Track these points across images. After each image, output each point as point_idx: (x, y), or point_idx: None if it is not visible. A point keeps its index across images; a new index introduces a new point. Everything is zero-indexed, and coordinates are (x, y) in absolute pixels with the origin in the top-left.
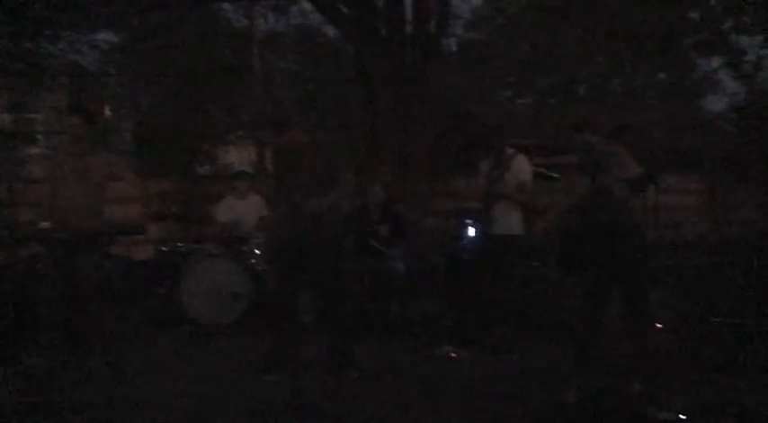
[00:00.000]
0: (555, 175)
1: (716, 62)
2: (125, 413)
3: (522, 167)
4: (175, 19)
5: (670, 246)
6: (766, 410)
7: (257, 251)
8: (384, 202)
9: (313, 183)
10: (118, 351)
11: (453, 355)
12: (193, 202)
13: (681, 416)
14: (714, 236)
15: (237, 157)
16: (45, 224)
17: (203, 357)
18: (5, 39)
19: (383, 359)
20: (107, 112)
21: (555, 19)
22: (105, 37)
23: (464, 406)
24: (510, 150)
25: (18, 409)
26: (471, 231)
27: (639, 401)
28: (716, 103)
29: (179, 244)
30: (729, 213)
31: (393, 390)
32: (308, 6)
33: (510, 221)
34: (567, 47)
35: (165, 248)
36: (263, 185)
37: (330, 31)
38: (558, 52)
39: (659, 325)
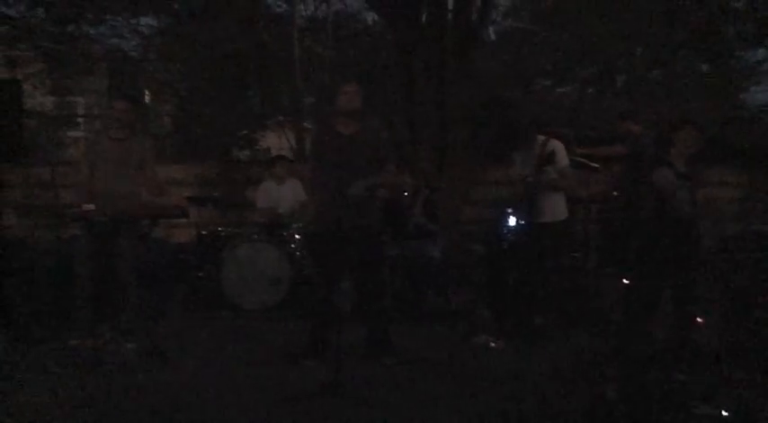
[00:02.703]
0: (595, 166)
1: (760, 54)
2: (165, 397)
3: (559, 153)
4: (216, 4)
5: (712, 239)
6: None
7: (297, 236)
8: (420, 189)
9: (357, 169)
10: (158, 334)
11: (492, 344)
12: (233, 187)
13: (723, 411)
14: (755, 230)
15: (276, 141)
16: (89, 206)
17: (243, 342)
18: (48, 23)
19: (422, 347)
20: (147, 96)
21: (595, 7)
22: (146, 21)
23: (501, 396)
24: (542, 138)
25: (57, 387)
26: (512, 220)
27: (681, 395)
28: (760, 96)
29: (219, 228)
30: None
31: (430, 377)
32: None
33: (554, 208)
34: (608, 36)
35: (205, 232)
36: (301, 170)
37: (370, 17)
38: (598, 41)
39: (700, 319)
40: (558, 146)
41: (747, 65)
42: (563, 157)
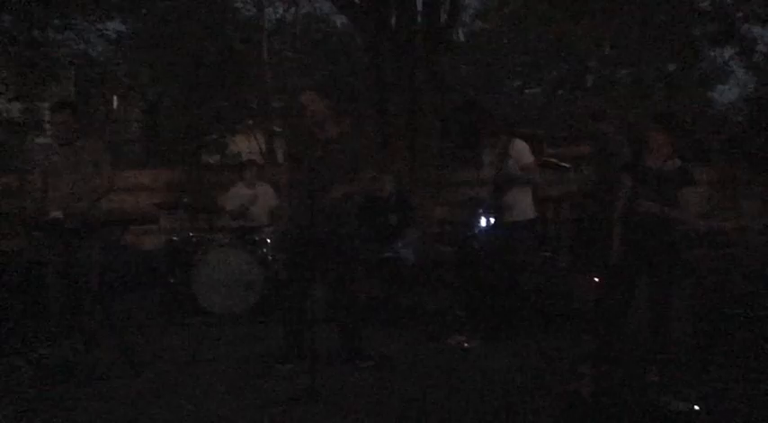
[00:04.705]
0: (566, 165)
1: (727, 53)
2: (137, 405)
3: (522, 151)
4: (184, 8)
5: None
6: None
7: (269, 240)
8: (395, 191)
9: (331, 173)
10: (129, 341)
11: (466, 344)
12: (203, 192)
13: (695, 407)
14: (727, 227)
15: (247, 145)
16: (56, 214)
17: (216, 348)
18: (13, 27)
19: (395, 349)
20: (115, 101)
21: (564, 9)
22: (113, 26)
23: (476, 396)
24: (505, 138)
25: (27, 399)
26: (482, 220)
27: (655, 392)
28: (726, 94)
29: (190, 234)
30: (741, 204)
31: (405, 380)
32: None
33: (521, 206)
34: (576, 37)
35: (175, 238)
36: (271, 174)
37: (339, 20)
38: (566, 42)
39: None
40: (521, 145)
41: (714, 64)
42: (527, 156)
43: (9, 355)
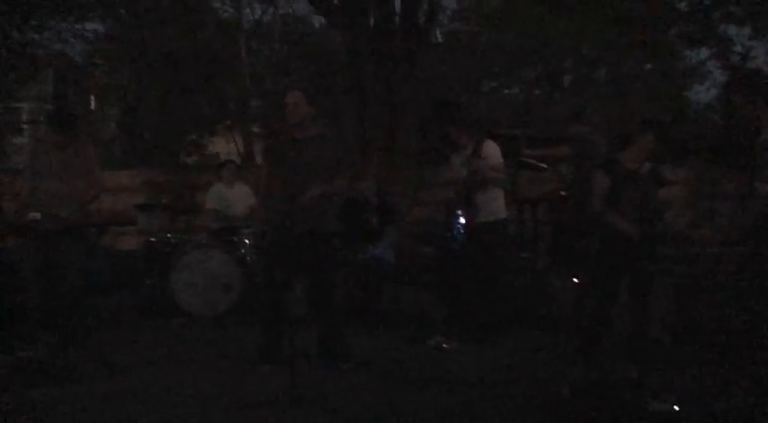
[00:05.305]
0: (543, 166)
1: (703, 53)
2: (115, 407)
3: (492, 152)
4: (162, 8)
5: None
6: (760, 403)
7: (247, 241)
8: (374, 192)
9: (310, 174)
10: (107, 343)
11: (445, 346)
12: (181, 192)
13: (674, 407)
14: (703, 227)
15: (224, 146)
16: (34, 215)
17: (194, 349)
18: None
19: (374, 350)
20: (92, 102)
21: (541, 9)
22: (92, 26)
23: (455, 397)
24: (478, 138)
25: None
26: (458, 220)
27: (634, 392)
28: (703, 94)
29: (168, 235)
30: (717, 204)
31: (384, 380)
32: None
33: (492, 207)
34: (554, 37)
35: (154, 239)
36: (250, 175)
37: (318, 21)
38: (544, 42)
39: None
40: (491, 145)
41: (690, 65)
42: (496, 157)
43: None
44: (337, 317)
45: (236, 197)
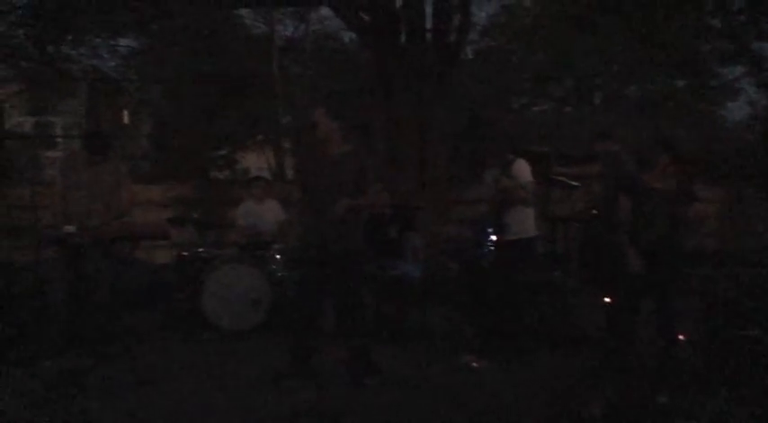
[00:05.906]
0: (575, 184)
1: (737, 71)
2: (144, 420)
3: (522, 171)
4: (195, 24)
5: (693, 256)
6: None
7: (278, 257)
8: (398, 207)
9: (341, 189)
10: (138, 357)
11: (475, 364)
12: (212, 207)
13: None
14: (736, 246)
15: (255, 162)
16: (69, 228)
17: (224, 364)
18: (27, 42)
19: (404, 367)
20: (125, 117)
21: (571, 26)
22: (126, 42)
23: (485, 416)
24: (510, 156)
25: (32, 413)
26: (488, 238)
27: (665, 414)
28: (736, 112)
29: (200, 249)
30: (751, 223)
31: (413, 398)
32: (327, 13)
33: (522, 225)
34: (584, 54)
35: (185, 253)
36: (280, 190)
37: (349, 37)
38: (574, 59)
39: (682, 336)
40: (521, 164)
41: (724, 82)
42: (526, 176)
43: (17, 367)
44: (366, 333)
45: (266, 213)
